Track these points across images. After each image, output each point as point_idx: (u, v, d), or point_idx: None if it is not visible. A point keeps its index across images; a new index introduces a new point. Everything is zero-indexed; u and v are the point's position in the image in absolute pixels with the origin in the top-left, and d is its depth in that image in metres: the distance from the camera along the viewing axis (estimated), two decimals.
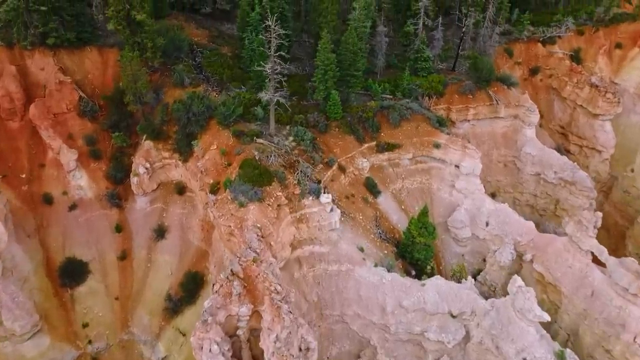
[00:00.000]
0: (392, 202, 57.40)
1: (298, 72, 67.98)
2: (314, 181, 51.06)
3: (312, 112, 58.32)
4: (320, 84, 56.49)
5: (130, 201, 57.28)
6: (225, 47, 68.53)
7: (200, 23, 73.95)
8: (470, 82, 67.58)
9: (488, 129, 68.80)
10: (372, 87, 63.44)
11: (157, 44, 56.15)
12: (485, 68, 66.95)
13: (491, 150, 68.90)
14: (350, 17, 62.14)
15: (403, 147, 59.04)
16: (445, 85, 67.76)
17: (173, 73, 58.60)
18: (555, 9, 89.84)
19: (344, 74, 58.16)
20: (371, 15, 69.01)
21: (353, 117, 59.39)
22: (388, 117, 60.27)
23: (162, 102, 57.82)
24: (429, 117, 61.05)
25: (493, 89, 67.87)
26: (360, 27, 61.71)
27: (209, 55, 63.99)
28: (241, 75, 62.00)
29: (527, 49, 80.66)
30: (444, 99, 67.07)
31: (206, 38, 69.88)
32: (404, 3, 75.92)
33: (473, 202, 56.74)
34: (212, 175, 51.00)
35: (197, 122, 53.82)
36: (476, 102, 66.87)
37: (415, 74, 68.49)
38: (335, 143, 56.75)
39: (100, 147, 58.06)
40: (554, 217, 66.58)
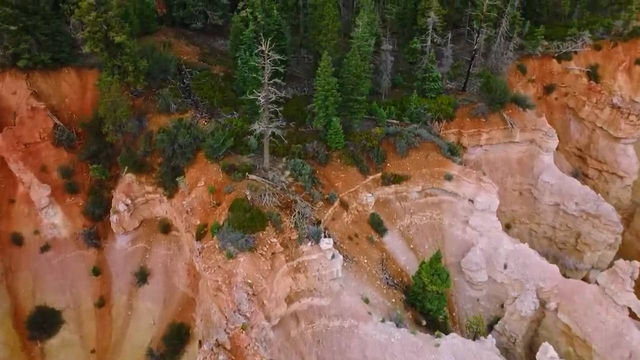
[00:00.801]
0: (400, 240, 51.51)
1: (296, 94, 62.11)
2: (313, 222, 45.19)
3: (311, 141, 52.45)
4: (320, 110, 50.63)
5: (110, 240, 51.37)
6: (217, 66, 62.62)
7: (191, 39, 68.09)
8: (482, 104, 61.75)
9: (502, 154, 63.00)
10: (377, 111, 57.56)
11: (140, 66, 50.24)
12: (499, 89, 61.11)
13: (505, 177, 63.08)
14: (353, 35, 56.31)
15: (411, 178, 53.18)
16: (455, 107, 61.94)
17: (158, 98, 52.68)
18: (569, 22, 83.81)
19: (346, 99, 52.30)
20: (375, 30, 63.27)
21: (356, 146, 53.51)
22: (395, 146, 54.40)
23: (145, 130, 51.92)
24: (440, 145, 55.16)
25: (507, 112, 62.08)
26: (364, 46, 55.88)
27: (199, 76, 58.07)
28: (233, 98, 56.10)
29: (541, 65, 74.81)
30: (455, 123, 61.27)
31: (197, 56, 63.99)
32: (410, 17, 70.10)
33: (489, 241, 50.85)
34: (199, 216, 45.15)
35: (183, 155, 47.96)
36: (489, 126, 61.07)
37: (423, 95, 62.62)
38: (337, 176, 50.88)
39: (78, 180, 52.15)
40: (574, 252, 60.70)
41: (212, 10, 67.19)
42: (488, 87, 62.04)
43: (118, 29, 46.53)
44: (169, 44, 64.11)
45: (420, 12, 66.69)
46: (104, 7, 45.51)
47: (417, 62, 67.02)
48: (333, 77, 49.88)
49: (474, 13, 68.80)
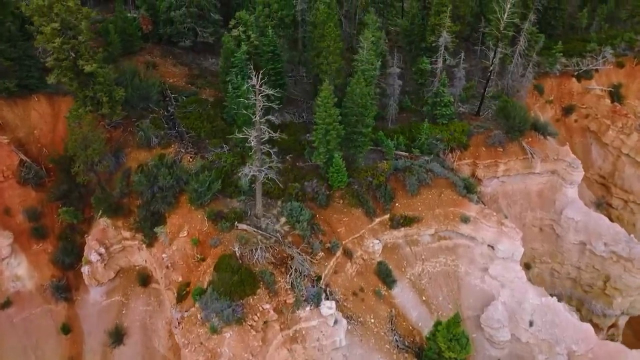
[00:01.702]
0: (411, 292, 45.13)
1: (293, 120, 55.76)
2: (312, 279, 38.84)
3: (310, 179, 46.08)
4: (321, 145, 44.26)
5: (82, 292, 45.01)
6: (206, 90, 56.18)
7: (179, 58, 61.61)
8: (499, 132, 55.41)
9: (520, 186, 56.62)
10: (384, 141, 51.17)
11: (116, 96, 43.85)
12: (518, 115, 54.72)
13: (524, 211, 56.73)
14: (357, 58, 49.97)
15: (423, 220, 46.77)
16: (469, 135, 55.56)
17: (137, 131, 46.30)
18: (587, 35, 77.39)
19: (350, 131, 45.97)
20: (381, 49, 56.88)
21: (361, 183, 47.11)
22: (404, 183, 48.01)
23: (123, 166, 45.58)
24: (454, 181, 48.75)
25: (527, 140, 55.70)
26: (369, 69, 49.54)
27: (186, 102, 51.63)
28: (223, 128, 49.62)
29: (559, 85, 68.52)
30: (469, 153, 54.92)
31: (184, 78, 57.52)
32: (418, 33, 63.70)
33: (512, 293, 44.47)
34: (181, 272, 38.85)
35: (164, 199, 41.60)
36: (507, 157, 54.71)
37: (433, 121, 56.21)
38: (340, 220, 44.50)
39: (46, 223, 45.81)
40: (602, 296, 54.32)
41: (202, 27, 60.75)
42: (505, 112, 55.67)
43: (88, 56, 40.09)
44: (154, 64, 57.70)
45: (430, 28, 60.41)
46: (72, 32, 39.12)
47: (426, 84, 60.78)
48: (335, 107, 43.54)
49: (487, 29, 62.58)
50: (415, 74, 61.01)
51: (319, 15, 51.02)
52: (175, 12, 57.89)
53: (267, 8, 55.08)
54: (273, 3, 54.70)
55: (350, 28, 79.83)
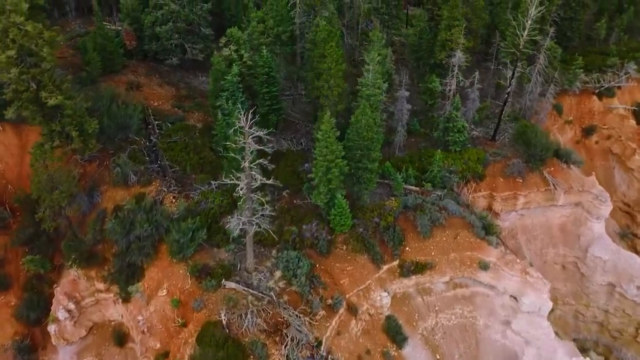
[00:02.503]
0: (423, 350, 39.53)
1: (291, 147, 50.12)
2: (311, 346, 33.27)
3: (309, 221, 40.46)
4: (321, 184, 38.66)
5: (50, 352, 39.40)
6: (194, 114, 50.50)
7: (166, 76, 55.91)
8: (518, 160, 49.83)
9: (541, 219, 51.06)
10: (391, 174, 45.65)
11: (89, 129, 38.20)
12: (539, 142, 49.15)
13: (545, 248, 51.16)
14: (362, 81, 44.38)
15: (436, 267, 41.17)
16: (485, 164, 49.97)
17: (114, 166, 40.66)
18: (606, 48, 71.75)
19: (355, 166, 40.40)
20: (387, 67, 51.25)
21: (367, 225, 41.46)
22: (415, 223, 42.39)
23: (97, 207, 39.94)
24: (471, 221, 43.12)
25: (549, 169, 50.17)
26: (375, 94, 43.95)
27: (171, 130, 45.93)
28: (212, 160, 44.04)
29: (579, 104, 62.90)
30: (485, 184, 49.34)
31: (170, 100, 51.80)
32: (426, 48, 58.13)
33: (539, 352, 38.93)
34: (160, 337, 33.29)
35: (142, 250, 35.98)
36: (527, 188, 49.16)
37: (445, 148, 50.62)
38: (343, 269, 38.89)
39: (10, 271, 40.23)
40: (633, 343, 48.80)
41: (191, 43, 55.03)
42: (525, 139, 50.09)
43: (53, 87, 34.40)
44: (138, 85, 52.01)
45: (440, 44, 54.83)
46: (32, 60, 33.43)
47: (436, 104, 55.27)
48: (337, 142, 37.93)
49: (503, 44, 56.97)
50: (424, 93, 55.43)
51: (319, 33, 45.43)
52: (160, 28, 52.21)
53: (261, 24, 49.44)
54: (268, 19, 49.09)
55: (352, 39, 74.47)
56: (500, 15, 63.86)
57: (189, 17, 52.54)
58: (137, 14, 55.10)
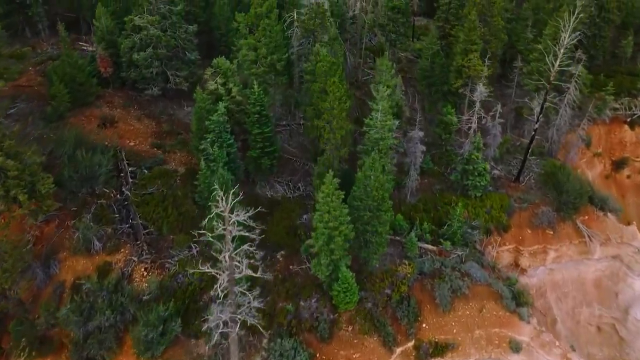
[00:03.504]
0: None
1: (287, 193, 43.39)
2: None
3: (308, 295, 33.74)
4: (323, 254, 31.91)
5: None
6: (176, 155, 43.63)
7: (146, 108, 48.86)
8: (547, 208, 43.19)
9: (572, 274, 44.33)
10: (403, 228, 38.96)
11: (43, 189, 31.36)
12: (572, 188, 42.42)
13: (578, 306, 44.44)
14: (369, 123, 37.59)
15: (459, 347, 34.40)
16: (510, 212, 43.23)
17: (75, 230, 33.82)
18: (634, 68, 64.95)
19: (362, 229, 33.63)
20: (397, 98, 44.37)
21: (376, 299, 34.70)
22: (433, 294, 35.65)
23: (55, 279, 33.14)
24: (499, 289, 36.35)
25: (582, 218, 43.49)
26: (385, 137, 37.15)
27: (147, 178, 39.07)
28: (194, 217, 37.24)
29: (608, 134, 56.10)
30: (510, 236, 42.62)
31: (150, 138, 44.85)
32: (439, 73, 51.39)
33: None
34: None
35: (102, 343, 29.19)
36: (559, 241, 42.54)
37: (463, 193, 43.96)
38: (348, 357, 32.12)
39: None
40: None
41: (174, 70, 48.09)
42: (555, 183, 43.42)
43: None
44: (112, 120, 45.06)
45: (455, 70, 48.18)
46: None
47: (451, 138, 48.55)
48: (342, 205, 31.13)
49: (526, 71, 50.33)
50: (438, 126, 48.69)
51: (319, 64, 38.60)
52: (138, 55, 45.24)
53: (253, 52, 42.55)
54: (261, 46, 42.16)
55: (355, 56, 67.73)
56: (519, 33, 57.10)
57: (170, 42, 45.57)
58: (114, 37, 48.14)
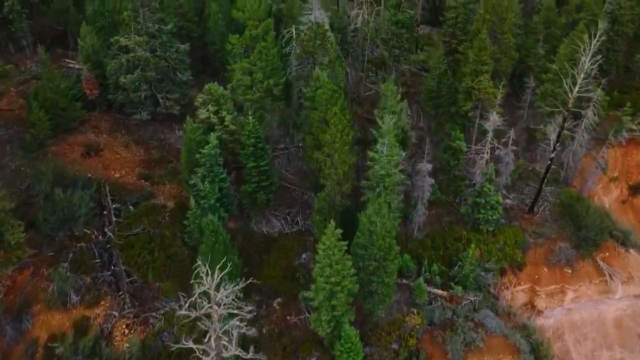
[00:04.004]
0: None
1: (284, 229, 40.07)
2: None
3: (307, 353, 30.50)
4: (324, 310, 28.60)
5: None
6: (165, 187, 40.36)
7: (135, 132, 45.55)
8: (565, 244, 39.94)
9: (592, 313, 41.00)
10: (410, 270, 35.68)
11: (12, 240, 28.06)
12: (592, 223, 39.16)
13: (598, 349, 41.07)
14: (374, 157, 34.20)
15: None
16: (525, 248, 39.96)
17: (49, 282, 30.52)
18: None
19: (368, 279, 30.34)
20: (402, 124, 40.97)
21: (382, 355, 31.41)
22: (444, 347, 32.42)
23: (27, 337, 29.84)
24: (516, 342, 33.15)
25: (603, 254, 40.21)
26: (392, 174, 33.79)
27: (132, 217, 35.79)
28: (183, 259, 34.05)
29: (625, 156, 52.43)
30: (526, 275, 39.39)
31: (137, 167, 41.57)
32: (447, 94, 48.09)
33: None
34: None
35: None
36: (578, 280, 39.35)
37: (474, 226, 40.70)
38: None
39: None
40: None
41: (165, 92, 44.77)
42: (573, 216, 40.24)
43: None
44: (97, 148, 41.88)
45: (464, 91, 44.93)
46: None
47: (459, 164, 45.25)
48: (345, 257, 27.82)
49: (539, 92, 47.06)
50: (446, 152, 45.34)
51: (319, 90, 35.28)
52: (125, 78, 41.88)
53: (248, 76, 39.19)
54: (257, 70, 38.79)
55: (357, 69, 64.73)
56: (529, 48, 53.83)
57: (160, 64, 42.20)
58: (100, 57, 44.80)
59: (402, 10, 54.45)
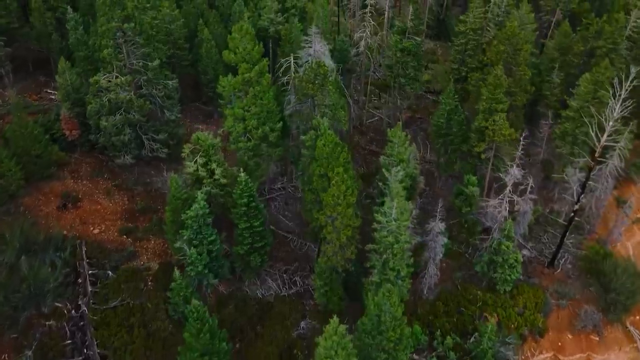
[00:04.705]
0: None
1: (280, 291, 36.01)
2: None
3: None
4: None
5: None
6: (150, 243, 36.34)
7: (119, 177, 41.53)
8: (591, 308, 35.90)
9: None
10: (421, 343, 31.62)
11: None
12: (622, 287, 35.12)
13: None
14: (379, 219, 30.10)
15: None
16: (547, 310, 35.92)
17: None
18: None
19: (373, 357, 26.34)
20: (410, 172, 36.82)
21: None
22: None
23: None
24: None
25: (633, 318, 36.16)
26: (400, 242, 29.71)
27: (110, 285, 31.70)
28: (166, 337, 29.97)
29: None
30: (547, 341, 35.59)
31: (118, 221, 37.42)
32: (458, 131, 44.11)
33: None
34: None
35: None
36: (606, 348, 35.51)
37: (490, 285, 36.69)
38: None
39: None
40: None
41: (151, 133, 40.66)
42: (600, 275, 36.22)
43: None
44: (75, 198, 37.89)
45: (477, 131, 40.98)
46: None
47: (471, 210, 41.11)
48: (350, 354, 23.74)
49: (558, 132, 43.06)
50: (457, 197, 41.21)
51: (320, 145, 31.22)
52: (106, 121, 37.75)
53: (240, 123, 35.04)
54: (250, 117, 34.65)
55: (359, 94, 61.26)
56: (544, 76, 49.95)
57: (144, 106, 38.07)
58: (81, 95, 40.71)
59: (408, 37, 50.48)
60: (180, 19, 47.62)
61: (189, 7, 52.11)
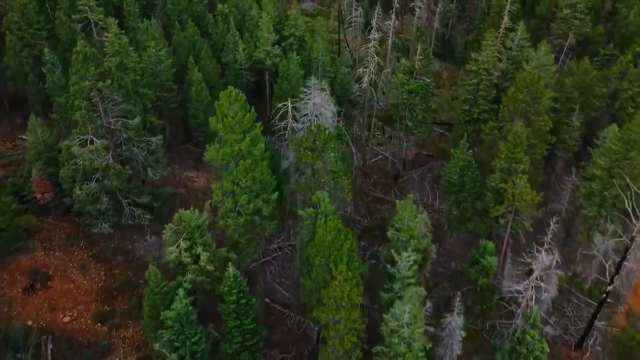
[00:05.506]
0: None
1: None
2: None
3: None
4: None
5: None
6: (128, 332, 31.83)
7: (96, 244, 37.00)
8: None
9: None
10: None
11: None
12: None
13: None
14: (388, 319, 25.76)
15: None
16: None
17: None
18: None
19: None
20: (423, 244, 32.28)
21: None
22: None
23: None
24: None
25: None
26: (412, 350, 25.32)
27: None
28: None
29: None
30: None
31: (93, 304, 32.83)
32: (471, 188, 39.70)
33: None
34: None
35: None
36: None
37: None
38: None
39: None
40: None
41: (132, 197, 36.16)
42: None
43: None
44: (45, 276, 33.38)
45: (493, 191, 36.67)
46: None
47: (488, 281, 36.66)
48: None
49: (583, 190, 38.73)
50: (472, 266, 36.77)
51: (321, 231, 26.85)
52: (80, 189, 33.25)
53: (230, 198, 30.48)
54: (240, 192, 30.12)
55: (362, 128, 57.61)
56: (562, 117, 45.77)
57: (122, 173, 33.58)
58: (54, 154, 36.28)
59: (416, 77, 46.25)
60: (168, 59, 43.22)
61: (180, 38, 47.78)
